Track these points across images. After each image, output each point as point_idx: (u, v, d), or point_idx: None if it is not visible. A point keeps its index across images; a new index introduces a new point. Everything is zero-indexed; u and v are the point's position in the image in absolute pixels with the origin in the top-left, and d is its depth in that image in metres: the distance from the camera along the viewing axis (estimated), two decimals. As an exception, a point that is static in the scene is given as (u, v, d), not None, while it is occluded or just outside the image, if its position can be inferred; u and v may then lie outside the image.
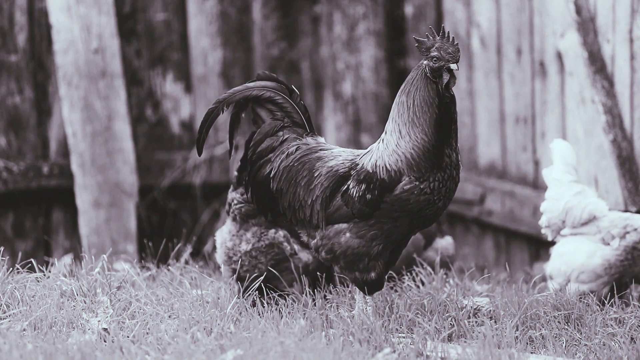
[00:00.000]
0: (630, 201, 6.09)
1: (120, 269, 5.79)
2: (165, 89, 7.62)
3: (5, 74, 7.16)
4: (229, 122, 4.92)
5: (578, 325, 4.90)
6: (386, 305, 4.89)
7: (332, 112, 7.81)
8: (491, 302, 5.08)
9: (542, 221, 5.52)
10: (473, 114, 7.42)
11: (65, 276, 5.35)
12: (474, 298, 5.13)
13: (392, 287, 5.30)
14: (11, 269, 5.31)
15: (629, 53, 6.06)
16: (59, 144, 7.29)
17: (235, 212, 5.15)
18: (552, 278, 5.46)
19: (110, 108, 7.23)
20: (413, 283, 5.32)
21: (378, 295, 4.92)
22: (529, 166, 7.11)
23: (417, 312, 4.84)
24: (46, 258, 6.80)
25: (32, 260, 5.52)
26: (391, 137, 4.61)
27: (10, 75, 7.18)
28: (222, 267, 5.23)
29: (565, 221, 5.43)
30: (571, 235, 5.44)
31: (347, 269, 4.71)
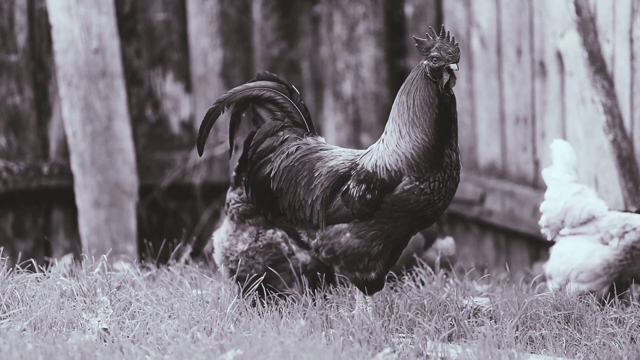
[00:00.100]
0: (630, 201, 6.09)
1: (120, 269, 5.79)
2: (165, 89, 7.62)
3: (5, 74, 7.16)
4: (229, 122, 4.92)
5: (578, 325, 4.90)
6: (386, 305, 4.88)
7: (332, 112, 7.81)
8: (491, 302, 5.07)
9: (542, 221, 5.52)
10: (473, 114, 7.42)
11: (65, 276, 5.34)
12: (474, 298, 5.13)
13: (392, 287, 5.30)
14: (11, 269, 5.31)
15: (629, 53, 6.06)
16: (59, 144, 7.29)
17: (232, 212, 5.14)
18: (552, 278, 5.45)
19: (110, 108, 7.23)
20: (413, 283, 5.32)
21: (378, 295, 4.92)
22: (529, 166, 7.10)
23: (417, 312, 4.84)
24: (46, 258, 6.80)
25: (32, 260, 5.52)
26: (391, 137, 4.61)
27: (10, 75, 7.18)
28: (221, 267, 5.23)
29: (564, 221, 5.43)
30: (570, 235, 5.44)
31: (347, 269, 4.71)
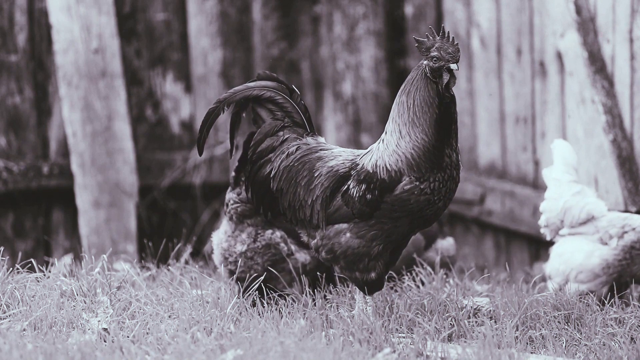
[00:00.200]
0: (630, 201, 6.09)
1: (120, 269, 5.79)
2: (165, 89, 7.62)
3: (5, 74, 7.16)
4: (230, 122, 4.92)
5: (578, 325, 4.90)
6: (386, 305, 4.88)
7: (332, 112, 7.81)
8: (491, 302, 5.07)
9: (541, 221, 5.52)
10: (473, 114, 7.42)
11: (65, 276, 5.34)
12: (474, 298, 5.13)
13: (392, 287, 5.30)
14: (11, 269, 5.30)
15: (629, 53, 6.06)
16: (59, 144, 7.29)
17: (231, 212, 5.14)
18: (551, 278, 5.45)
19: (110, 108, 7.23)
20: (413, 283, 5.32)
21: (378, 295, 4.92)
22: (529, 166, 7.10)
23: (417, 312, 4.84)
24: (46, 258, 6.80)
25: (32, 260, 5.52)
26: (391, 137, 4.61)
27: (10, 75, 7.18)
28: (220, 268, 5.23)
29: (564, 221, 5.44)
30: (570, 235, 5.44)
31: (348, 269, 4.70)
